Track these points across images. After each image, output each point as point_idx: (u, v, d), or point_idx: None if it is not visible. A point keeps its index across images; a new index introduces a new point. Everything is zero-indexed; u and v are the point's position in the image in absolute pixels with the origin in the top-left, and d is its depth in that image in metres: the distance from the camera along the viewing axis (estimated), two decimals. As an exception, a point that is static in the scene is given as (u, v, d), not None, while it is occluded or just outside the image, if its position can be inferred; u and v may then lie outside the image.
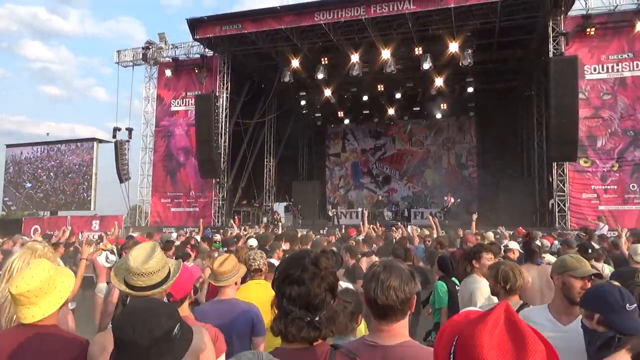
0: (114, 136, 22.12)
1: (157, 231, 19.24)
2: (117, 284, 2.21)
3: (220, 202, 20.80)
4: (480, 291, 3.92)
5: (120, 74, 34.35)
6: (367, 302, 1.80)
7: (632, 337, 1.86)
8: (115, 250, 5.60)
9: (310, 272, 1.57)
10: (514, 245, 6.51)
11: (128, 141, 22.22)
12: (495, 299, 3.47)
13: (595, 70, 16.42)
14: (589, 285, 2.57)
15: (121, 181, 21.80)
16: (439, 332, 1.14)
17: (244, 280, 3.66)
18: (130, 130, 22.29)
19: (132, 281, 2.12)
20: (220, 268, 3.27)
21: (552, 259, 5.27)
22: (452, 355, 0.99)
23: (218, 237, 10.44)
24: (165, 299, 2.39)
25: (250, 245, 7.19)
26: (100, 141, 23.86)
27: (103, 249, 5.54)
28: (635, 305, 2.08)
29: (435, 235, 8.63)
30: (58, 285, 2.06)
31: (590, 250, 5.52)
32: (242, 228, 14.97)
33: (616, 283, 2.39)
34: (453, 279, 4.83)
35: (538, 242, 7.02)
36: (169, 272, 2.22)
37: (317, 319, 1.54)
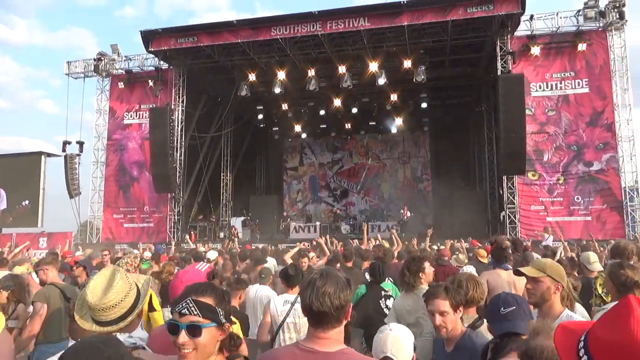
0: (64, 150, 21.27)
1: (109, 248, 18.58)
2: (84, 324, 1.89)
3: (176, 218, 20.35)
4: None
5: (70, 86, 32.74)
6: (303, 309, 1.79)
7: (516, 339, 2.02)
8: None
9: None
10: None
11: (79, 155, 21.40)
12: None
13: (540, 87, 17.25)
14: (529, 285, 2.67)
15: (71, 196, 20.96)
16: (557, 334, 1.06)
17: None
18: (81, 143, 21.50)
19: (95, 317, 1.87)
20: None
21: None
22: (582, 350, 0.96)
23: (148, 254, 9.47)
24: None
25: (208, 259, 7.02)
26: (49, 155, 22.83)
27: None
28: (512, 308, 2.23)
29: (396, 248, 8.48)
30: None
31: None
32: (197, 244, 14.68)
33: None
34: (383, 284, 4.88)
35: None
36: (138, 294, 1.97)
37: None
